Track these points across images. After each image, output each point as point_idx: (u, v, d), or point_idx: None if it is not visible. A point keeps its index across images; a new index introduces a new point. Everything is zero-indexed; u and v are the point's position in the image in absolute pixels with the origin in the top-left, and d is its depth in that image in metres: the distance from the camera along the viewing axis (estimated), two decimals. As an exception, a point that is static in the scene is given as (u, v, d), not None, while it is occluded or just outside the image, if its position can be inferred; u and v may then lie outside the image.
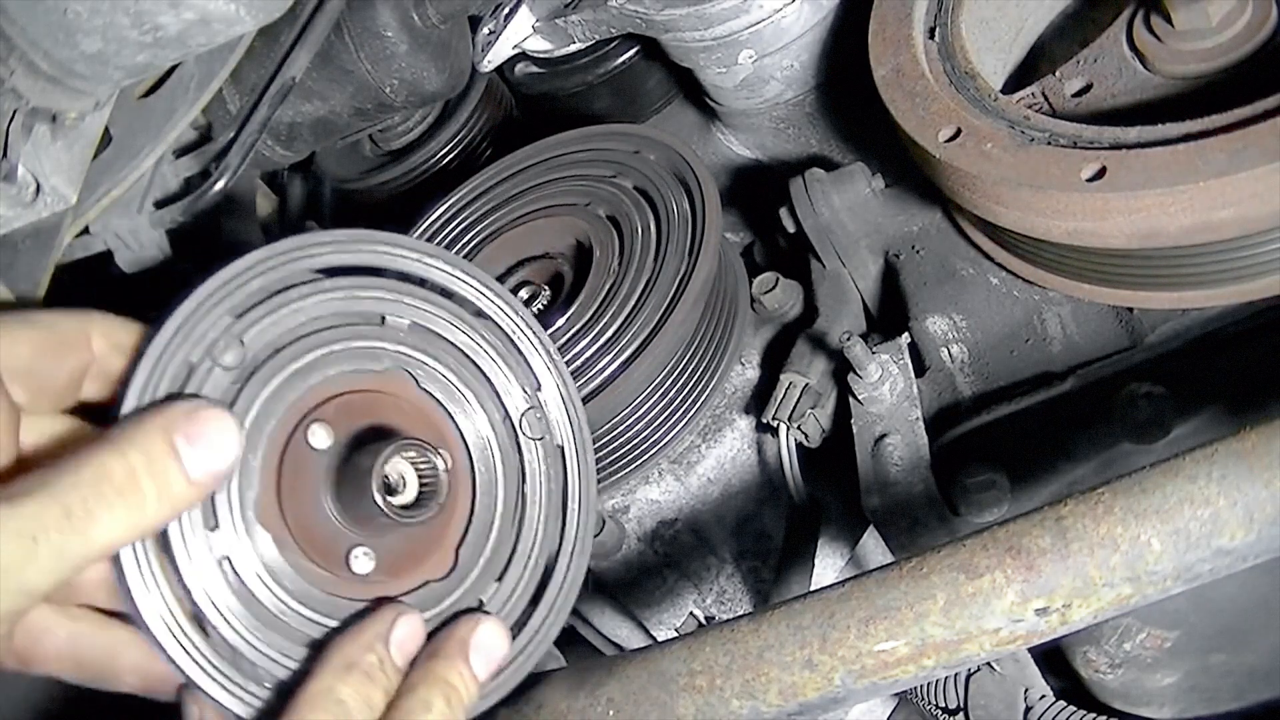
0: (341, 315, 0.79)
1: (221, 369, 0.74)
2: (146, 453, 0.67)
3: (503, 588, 0.82)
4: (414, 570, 0.79)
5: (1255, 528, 0.66)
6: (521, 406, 0.84)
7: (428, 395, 0.81)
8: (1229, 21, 1.09)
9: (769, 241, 1.60)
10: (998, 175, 1.03)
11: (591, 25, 1.55)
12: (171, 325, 0.73)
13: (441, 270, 0.83)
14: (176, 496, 0.68)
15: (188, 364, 0.73)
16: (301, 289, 0.77)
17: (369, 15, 1.57)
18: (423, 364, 0.81)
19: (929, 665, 0.72)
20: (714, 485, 1.36)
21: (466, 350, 0.83)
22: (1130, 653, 1.10)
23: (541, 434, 0.85)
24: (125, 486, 0.65)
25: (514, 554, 0.83)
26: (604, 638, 1.47)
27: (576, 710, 0.81)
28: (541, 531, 0.84)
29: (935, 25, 1.21)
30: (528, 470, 0.84)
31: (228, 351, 0.74)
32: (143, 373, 0.72)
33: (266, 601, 0.74)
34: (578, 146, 1.53)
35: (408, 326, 0.81)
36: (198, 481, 0.69)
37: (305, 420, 0.76)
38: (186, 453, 0.68)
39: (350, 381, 0.79)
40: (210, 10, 1.05)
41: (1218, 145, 0.93)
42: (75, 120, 1.12)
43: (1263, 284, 1.03)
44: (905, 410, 1.17)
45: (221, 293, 0.75)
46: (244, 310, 0.76)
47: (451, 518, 0.81)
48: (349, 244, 0.79)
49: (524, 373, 0.85)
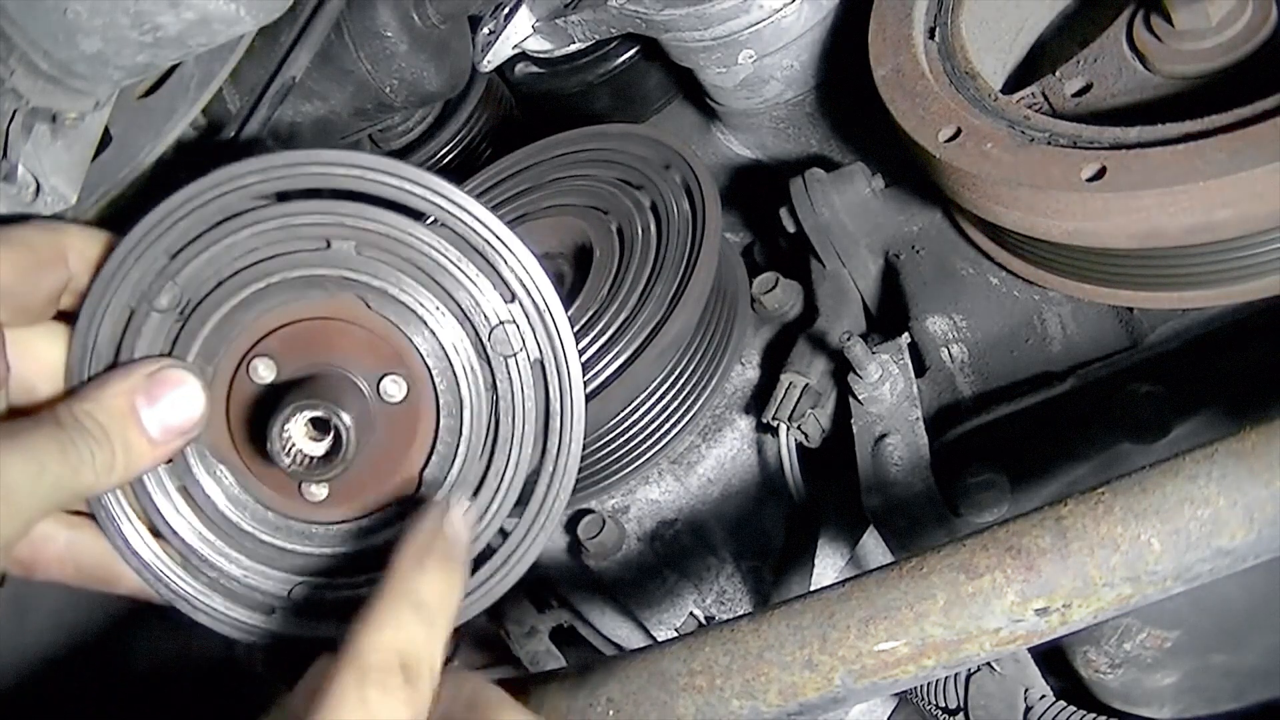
0: (281, 244, 0.76)
1: (157, 312, 0.76)
2: (111, 413, 0.72)
3: (475, 506, 0.79)
4: (375, 492, 0.79)
5: (1255, 528, 0.66)
6: (491, 321, 0.78)
7: (382, 318, 0.77)
8: (1229, 21, 1.09)
9: (769, 241, 1.60)
10: (998, 175, 1.03)
11: (591, 25, 1.55)
12: (106, 273, 0.75)
13: (388, 183, 0.76)
14: (140, 454, 0.73)
15: (128, 309, 0.75)
16: (237, 221, 0.76)
17: (369, 15, 1.57)
18: (372, 285, 0.77)
19: (929, 665, 0.72)
20: (714, 485, 1.36)
21: (421, 265, 0.77)
22: (1130, 653, 1.10)
23: (515, 350, 0.78)
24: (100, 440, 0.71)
25: (487, 473, 0.79)
26: (604, 638, 1.47)
27: (576, 710, 0.81)
28: (518, 450, 0.79)
29: (935, 25, 1.21)
30: (500, 388, 0.79)
31: (162, 294, 0.75)
32: (81, 327, 0.75)
33: (235, 527, 0.79)
34: (578, 146, 1.53)
35: (354, 248, 0.76)
36: (159, 440, 0.73)
37: (249, 355, 0.77)
38: (147, 414, 0.73)
39: (295, 311, 0.77)
40: (210, 10, 1.05)
41: (1218, 145, 0.92)
42: (75, 120, 1.12)
43: (1263, 284, 1.03)
44: (905, 410, 1.16)
45: (154, 234, 0.75)
46: (178, 249, 0.75)
47: (414, 440, 0.79)
48: (283, 168, 0.76)
49: (493, 283, 0.78)
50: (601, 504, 1.35)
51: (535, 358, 0.79)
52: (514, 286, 0.78)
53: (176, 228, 0.75)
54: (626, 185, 1.43)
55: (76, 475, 0.69)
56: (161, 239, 0.75)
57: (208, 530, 0.80)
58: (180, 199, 0.75)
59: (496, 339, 0.78)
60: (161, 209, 0.75)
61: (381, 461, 0.78)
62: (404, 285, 0.77)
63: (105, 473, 0.71)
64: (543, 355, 0.79)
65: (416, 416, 0.78)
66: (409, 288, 0.77)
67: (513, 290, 0.78)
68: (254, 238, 0.76)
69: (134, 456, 0.73)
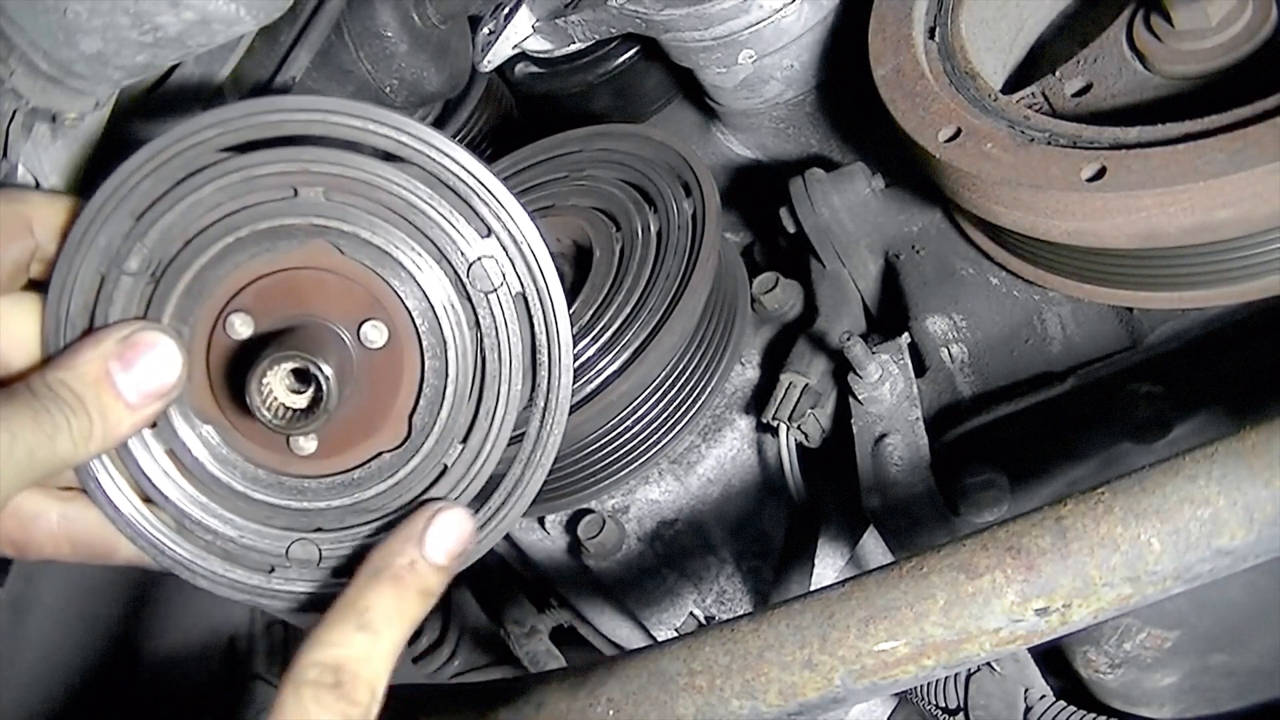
0: (247, 196, 0.75)
1: (128, 276, 0.75)
2: (85, 380, 0.71)
3: (468, 449, 0.78)
4: (365, 442, 0.78)
5: (1255, 528, 0.66)
6: (469, 258, 0.75)
7: (357, 262, 0.75)
8: (1229, 21, 1.09)
9: (769, 241, 1.60)
10: (998, 175, 1.03)
11: (591, 25, 1.55)
12: (73, 240, 0.74)
13: (351, 125, 0.73)
14: (118, 421, 0.72)
15: (98, 275, 0.75)
16: (200, 176, 0.74)
17: (369, 15, 1.57)
18: (344, 230, 0.75)
19: (929, 665, 0.72)
20: (714, 485, 1.36)
21: (393, 206, 0.75)
22: (1130, 653, 1.10)
23: (496, 285, 0.76)
24: (75, 407, 0.70)
25: (478, 414, 0.78)
26: (604, 638, 1.47)
27: (576, 710, 0.81)
28: (507, 387, 0.77)
29: (935, 25, 1.21)
30: (484, 324, 0.77)
31: (131, 257, 0.75)
32: (53, 295, 0.74)
33: (226, 487, 0.78)
34: (578, 146, 1.53)
35: (323, 194, 0.75)
36: (137, 405, 0.73)
37: (224, 311, 0.76)
38: (123, 378, 0.72)
39: (267, 263, 0.76)
40: (210, 10, 1.05)
41: (1218, 145, 0.93)
42: (75, 120, 1.12)
43: (1263, 284, 1.03)
44: (905, 410, 1.17)
45: (117, 197, 0.74)
46: (143, 210, 0.74)
47: (399, 385, 0.77)
48: (241, 119, 0.74)
49: (467, 219, 0.75)
50: (601, 504, 1.35)
51: (517, 291, 0.76)
52: (489, 221, 0.75)
53: (140, 188, 0.74)
54: (627, 185, 1.43)
55: (53, 444, 0.68)
56: (125, 201, 0.74)
57: (199, 492, 0.79)
58: (141, 159, 0.74)
59: (475, 275, 0.75)
60: (123, 170, 0.74)
61: (369, 409, 0.77)
62: (376, 228, 0.75)
63: (83, 441, 0.70)
64: (524, 288, 0.76)
65: (400, 361, 0.77)
66: (382, 230, 0.75)
67: (489, 225, 0.75)
68: (219, 192, 0.74)
69: (112, 423, 0.72)
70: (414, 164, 0.74)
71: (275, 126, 0.74)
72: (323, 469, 0.79)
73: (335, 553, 0.79)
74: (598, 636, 1.49)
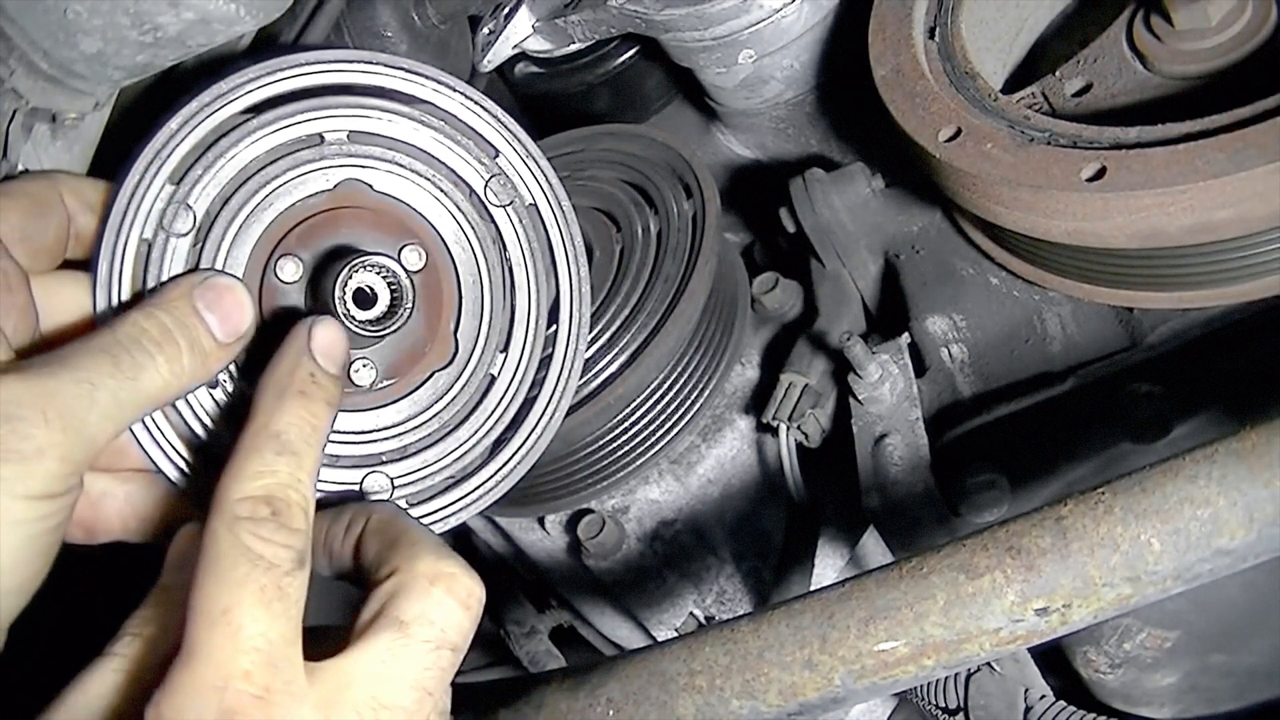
0: (278, 148, 0.80)
1: (177, 237, 0.78)
2: (174, 314, 0.72)
3: (510, 356, 0.84)
4: (417, 365, 0.83)
5: (1255, 528, 0.66)
6: (483, 177, 0.84)
7: (386, 196, 0.82)
8: (1229, 21, 1.09)
9: (769, 241, 1.60)
10: (998, 175, 1.03)
11: (591, 25, 1.55)
12: (117, 210, 0.77)
13: (360, 70, 0.82)
14: (208, 353, 0.73)
15: (145, 242, 0.77)
16: (232, 136, 0.79)
17: (369, 15, 1.57)
18: (371, 168, 0.82)
19: (929, 665, 0.72)
20: (714, 485, 1.36)
21: (411, 140, 0.83)
22: (1130, 653, 1.10)
23: (510, 199, 0.85)
24: (162, 341, 0.70)
25: (513, 321, 0.85)
26: (604, 638, 1.47)
27: (576, 710, 0.81)
28: (535, 292, 0.85)
29: (935, 25, 1.21)
30: (505, 237, 0.85)
31: (177, 219, 0.78)
32: (103, 264, 0.76)
33: None
34: (578, 147, 1.53)
35: (347, 137, 0.82)
36: (224, 343, 0.74)
37: (271, 258, 0.80)
38: (209, 316, 0.74)
39: (305, 208, 0.81)
40: (210, 10, 1.04)
41: (1218, 145, 0.93)
42: (75, 120, 1.12)
43: (1263, 284, 1.03)
44: (905, 410, 1.16)
45: (155, 165, 0.77)
46: (182, 174, 0.78)
47: (441, 305, 0.83)
48: (262, 77, 0.80)
49: (476, 144, 0.84)
50: (601, 504, 1.35)
51: (529, 202, 0.86)
52: (496, 142, 0.84)
53: (175, 154, 0.78)
54: (627, 186, 1.43)
55: (137, 385, 0.68)
56: (163, 168, 0.77)
57: None
58: (173, 126, 0.78)
59: (491, 192, 0.84)
60: (157, 140, 0.77)
61: (416, 331, 0.82)
62: (399, 162, 0.82)
63: (175, 376, 0.70)
64: (534, 199, 0.86)
65: (439, 281, 0.83)
66: (405, 163, 0.82)
67: (495, 146, 0.85)
68: (250, 148, 0.79)
69: (202, 355, 0.72)
70: (425, 101, 0.83)
71: (294, 80, 0.80)
72: (381, 399, 0.83)
73: (405, 480, 0.83)
74: (598, 636, 1.49)
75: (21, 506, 0.62)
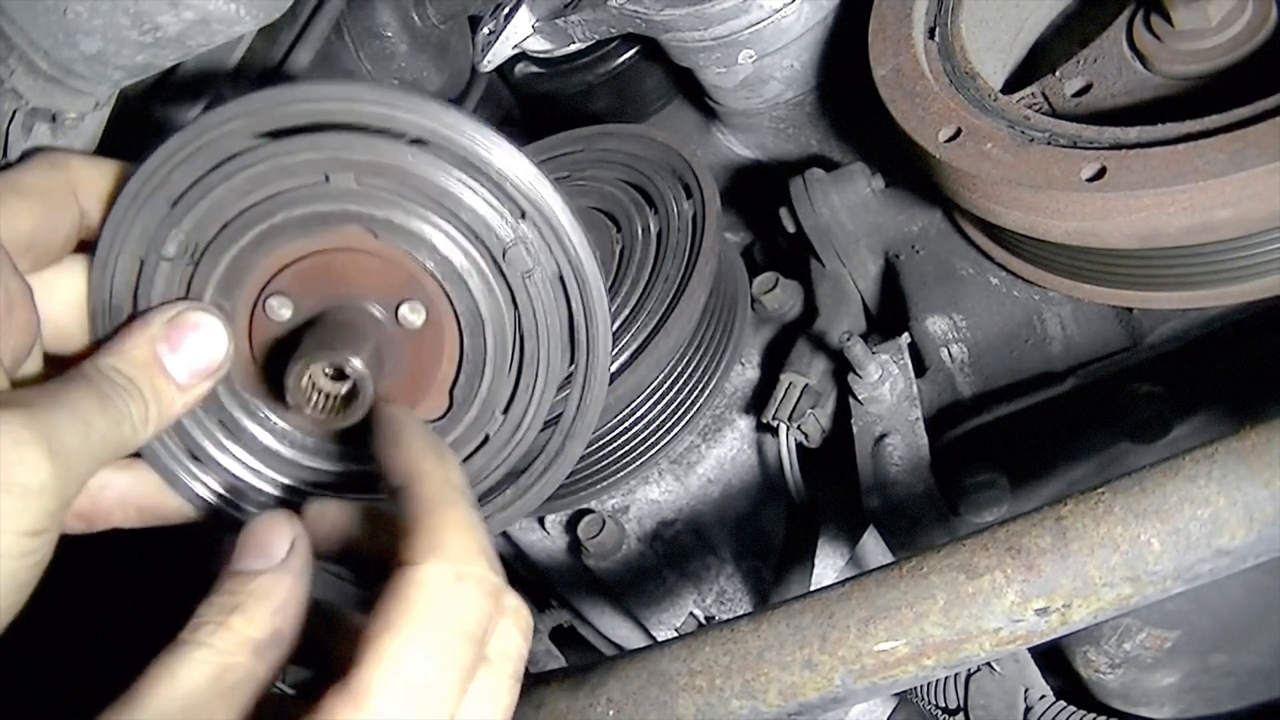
0: (280, 182, 0.75)
1: (166, 260, 0.76)
2: (134, 366, 0.72)
3: (509, 419, 0.81)
4: None
5: (1255, 528, 0.66)
6: (505, 240, 0.76)
7: (391, 245, 0.76)
8: (1229, 21, 1.09)
9: (769, 241, 1.60)
10: (998, 175, 1.03)
11: (591, 25, 1.55)
12: (111, 225, 0.75)
13: (378, 111, 0.73)
14: (168, 404, 0.73)
15: (138, 259, 0.76)
16: (235, 162, 0.75)
17: (369, 15, 1.57)
18: (375, 217, 0.75)
19: (929, 665, 0.72)
20: (714, 485, 1.36)
21: (426, 190, 0.75)
22: (1130, 653, 1.10)
23: (531, 266, 0.76)
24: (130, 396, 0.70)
25: (518, 386, 0.80)
26: (604, 638, 1.47)
27: (576, 710, 0.81)
28: (546, 362, 0.80)
29: (935, 25, 1.21)
30: (520, 305, 0.78)
31: (168, 242, 0.76)
32: (95, 282, 0.76)
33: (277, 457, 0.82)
34: (578, 146, 1.53)
35: (354, 178, 0.75)
36: (187, 385, 0.73)
37: (263, 294, 0.77)
38: (171, 360, 0.73)
39: (302, 247, 0.77)
40: (210, 10, 1.04)
41: (1217, 145, 0.93)
42: (75, 120, 1.12)
43: (1263, 284, 1.03)
44: (905, 410, 1.16)
45: (151, 185, 0.75)
46: (179, 196, 0.75)
47: (440, 362, 0.79)
48: (272, 108, 0.74)
49: (501, 202, 0.76)
50: (601, 504, 1.35)
51: (553, 273, 0.77)
52: (522, 204, 0.75)
53: (174, 176, 0.75)
54: (627, 186, 1.43)
55: (119, 429, 0.69)
56: (161, 188, 0.75)
57: (257, 462, 0.81)
58: (173, 147, 0.74)
59: (511, 258, 0.76)
60: (158, 156, 0.74)
61: (411, 384, 0.79)
62: (410, 210, 0.75)
63: (142, 425, 0.71)
64: (560, 270, 0.77)
65: (440, 339, 0.79)
66: (415, 213, 0.75)
67: (521, 208, 0.76)
68: (251, 179, 0.75)
69: (165, 404, 0.72)
70: (444, 148, 0.74)
71: (304, 114, 0.73)
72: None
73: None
74: (598, 636, 1.49)
75: (13, 541, 0.61)
